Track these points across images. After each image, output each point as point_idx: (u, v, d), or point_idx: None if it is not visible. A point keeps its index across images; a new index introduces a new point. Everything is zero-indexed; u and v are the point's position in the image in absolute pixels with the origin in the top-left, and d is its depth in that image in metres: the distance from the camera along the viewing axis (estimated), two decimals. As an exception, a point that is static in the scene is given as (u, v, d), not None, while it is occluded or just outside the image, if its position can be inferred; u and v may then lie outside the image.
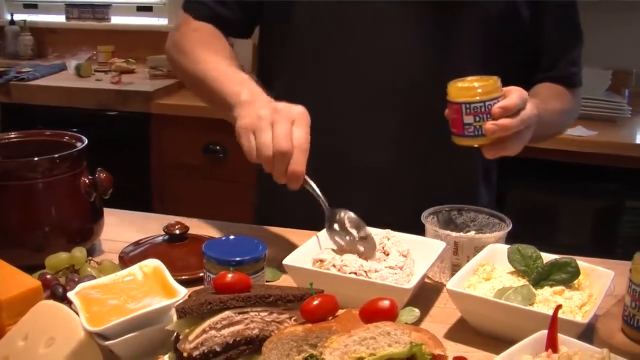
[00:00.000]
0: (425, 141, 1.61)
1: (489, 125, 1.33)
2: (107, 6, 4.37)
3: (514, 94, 1.36)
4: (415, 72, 1.59)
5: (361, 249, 1.34)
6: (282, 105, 1.31)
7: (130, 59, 3.96)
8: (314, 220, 1.42)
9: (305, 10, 1.62)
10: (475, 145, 1.38)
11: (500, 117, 1.33)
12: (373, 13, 1.58)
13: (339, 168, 1.61)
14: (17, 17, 4.42)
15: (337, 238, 1.36)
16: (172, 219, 1.51)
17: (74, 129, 1.59)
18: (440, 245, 1.35)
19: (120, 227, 1.60)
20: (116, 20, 4.39)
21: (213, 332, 0.99)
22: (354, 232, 1.35)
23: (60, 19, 4.46)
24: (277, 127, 1.27)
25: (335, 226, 1.36)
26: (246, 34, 1.77)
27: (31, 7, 4.61)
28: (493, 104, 1.34)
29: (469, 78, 1.38)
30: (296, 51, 1.66)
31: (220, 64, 1.55)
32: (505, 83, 1.47)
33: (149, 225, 1.61)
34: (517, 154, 1.43)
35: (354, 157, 1.62)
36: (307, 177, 1.32)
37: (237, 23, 1.71)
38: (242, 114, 1.33)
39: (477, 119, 1.35)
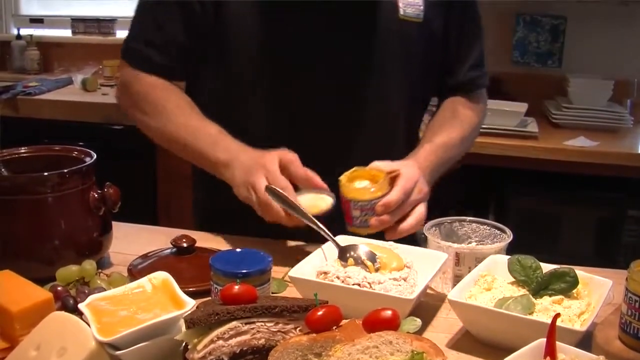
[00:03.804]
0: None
1: (373, 221, 1.49)
2: (113, 21, 4.40)
3: (396, 190, 1.49)
4: (339, 89, 1.68)
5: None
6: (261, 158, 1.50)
7: (136, 73, 3.98)
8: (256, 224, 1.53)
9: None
10: (364, 234, 1.51)
11: (382, 213, 1.48)
12: (300, 28, 1.65)
13: None
14: (24, 31, 4.45)
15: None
16: (179, 232, 1.53)
17: (80, 143, 1.62)
18: (443, 257, 1.37)
19: (129, 240, 1.62)
20: (122, 34, 4.39)
21: (221, 342, 1.01)
22: (369, 264, 1.36)
23: (66, 33, 4.49)
24: (271, 176, 1.46)
25: (351, 260, 1.37)
26: (183, 79, 1.80)
27: (37, 22, 4.64)
28: (377, 202, 1.48)
29: (358, 172, 1.53)
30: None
31: (189, 122, 1.65)
32: (422, 93, 1.76)
33: (157, 239, 1.63)
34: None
35: None
36: (315, 219, 1.44)
37: (178, 70, 1.74)
38: (236, 181, 1.53)
39: (363, 213, 1.50)
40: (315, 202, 1.50)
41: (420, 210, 1.53)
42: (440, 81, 1.85)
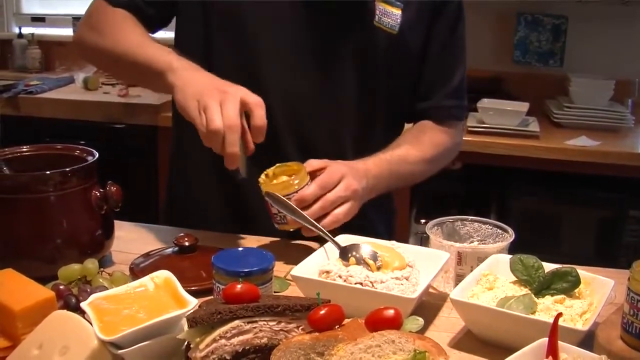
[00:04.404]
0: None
1: (289, 217, 1.48)
2: (114, 19, 4.39)
3: (312, 184, 1.48)
4: (296, 95, 1.66)
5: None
6: (227, 86, 1.43)
7: (137, 72, 3.98)
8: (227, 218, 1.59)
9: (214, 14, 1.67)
10: (291, 230, 1.52)
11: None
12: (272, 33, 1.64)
13: None
14: (25, 30, 4.45)
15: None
16: (181, 231, 1.53)
17: (82, 142, 1.62)
18: (445, 256, 1.37)
19: (130, 239, 1.62)
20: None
21: (223, 341, 1.01)
22: (370, 262, 1.36)
23: (67, 32, 4.47)
24: (226, 105, 1.38)
25: (352, 259, 1.37)
26: (155, 28, 1.76)
27: (39, 21, 4.64)
28: (292, 197, 1.47)
29: (280, 168, 1.53)
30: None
31: (143, 39, 1.60)
32: (387, 112, 1.70)
33: (158, 237, 1.63)
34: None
35: None
36: (316, 223, 1.45)
37: (150, 15, 1.71)
38: (183, 90, 1.44)
39: (280, 210, 1.49)
40: None
41: (341, 209, 1.51)
42: (412, 106, 1.81)
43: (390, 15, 1.65)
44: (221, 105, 1.39)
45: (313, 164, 1.54)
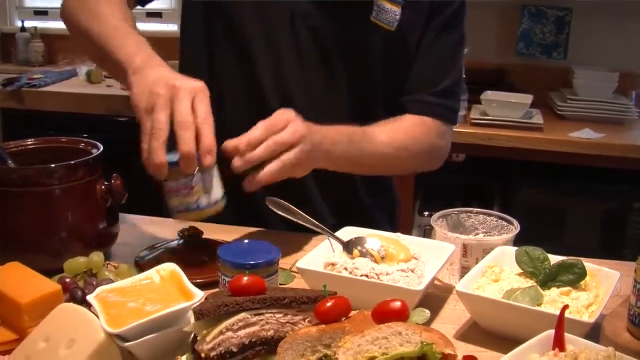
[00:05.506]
0: None
1: (235, 160, 1.37)
2: (117, 12, 4.39)
3: (259, 126, 1.37)
4: (291, 87, 1.65)
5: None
6: (180, 81, 1.32)
7: (140, 65, 3.98)
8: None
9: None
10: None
11: (242, 152, 1.36)
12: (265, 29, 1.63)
13: None
14: (28, 23, 4.46)
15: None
16: (185, 223, 1.53)
17: (85, 135, 1.61)
18: (450, 248, 1.37)
19: (135, 232, 1.62)
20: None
21: (230, 333, 1.01)
22: (375, 253, 1.36)
23: (70, 25, 4.48)
24: (177, 104, 1.28)
25: (356, 252, 1.36)
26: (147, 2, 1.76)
27: (42, 14, 4.64)
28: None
29: None
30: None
31: (119, 23, 1.51)
32: (384, 108, 1.69)
33: (163, 230, 1.63)
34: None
35: None
36: (317, 222, 1.43)
37: None
38: (136, 88, 1.34)
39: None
40: None
41: (288, 154, 1.38)
42: (398, 102, 1.74)
43: (389, 12, 1.63)
44: (171, 101, 1.30)
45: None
